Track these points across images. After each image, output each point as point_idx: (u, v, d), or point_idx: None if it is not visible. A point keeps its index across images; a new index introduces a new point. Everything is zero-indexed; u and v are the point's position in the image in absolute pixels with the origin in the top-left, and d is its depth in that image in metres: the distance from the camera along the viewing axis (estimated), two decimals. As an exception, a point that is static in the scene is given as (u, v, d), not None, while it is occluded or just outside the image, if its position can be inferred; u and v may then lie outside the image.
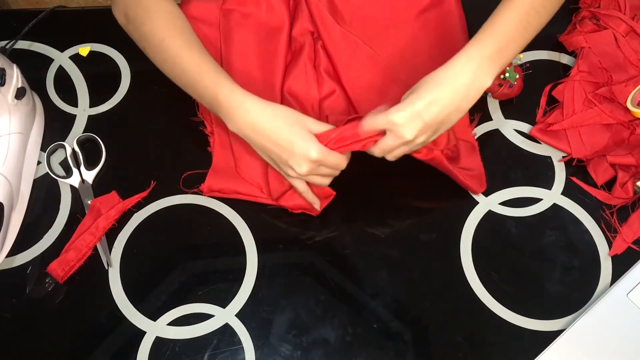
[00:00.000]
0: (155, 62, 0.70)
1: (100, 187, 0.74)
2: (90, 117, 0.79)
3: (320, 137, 0.63)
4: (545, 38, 0.83)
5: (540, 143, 0.77)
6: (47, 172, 0.74)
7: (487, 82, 0.61)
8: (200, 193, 0.73)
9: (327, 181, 0.67)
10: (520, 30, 0.62)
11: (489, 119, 0.78)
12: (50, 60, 0.83)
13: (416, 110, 0.59)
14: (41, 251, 0.70)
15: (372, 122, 0.61)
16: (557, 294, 0.68)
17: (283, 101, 0.75)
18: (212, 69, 0.66)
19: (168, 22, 0.69)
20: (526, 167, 0.75)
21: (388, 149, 0.63)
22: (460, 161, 0.73)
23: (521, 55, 0.81)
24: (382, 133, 0.62)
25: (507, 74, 0.76)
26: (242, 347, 0.65)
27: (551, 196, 0.74)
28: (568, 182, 0.74)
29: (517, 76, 0.76)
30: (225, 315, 0.67)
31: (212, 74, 0.65)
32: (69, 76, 0.82)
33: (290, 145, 0.62)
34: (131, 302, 0.67)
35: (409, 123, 0.59)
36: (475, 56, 0.60)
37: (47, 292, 0.67)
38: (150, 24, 0.69)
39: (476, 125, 0.77)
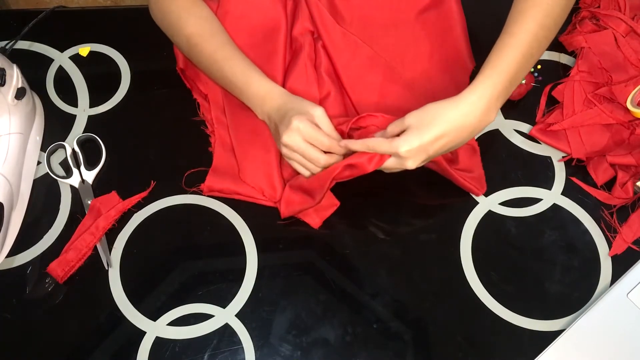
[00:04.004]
0: (193, 62, 0.77)
1: (100, 187, 0.74)
2: (90, 117, 0.79)
3: (335, 166, 0.65)
4: (545, 38, 0.83)
5: (540, 143, 0.77)
6: (47, 172, 0.74)
7: (492, 118, 0.62)
8: (200, 193, 0.73)
9: (303, 171, 0.68)
10: (524, 63, 0.63)
11: (489, 119, 0.78)
12: (50, 61, 0.83)
13: (424, 145, 0.60)
14: (41, 251, 0.70)
15: (377, 146, 0.62)
16: (557, 294, 0.68)
17: None
18: (243, 64, 0.72)
19: (199, 28, 0.74)
20: (526, 167, 0.75)
21: (386, 168, 0.64)
22: (460, 163, 0.73)
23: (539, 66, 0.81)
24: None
25: None
26: (242, 347, 0.65)
27: (551, 196, 0.74)
28: (568, 182, 0.74)
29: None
30: (225, 315, 0.67)
31: (243, 68, 0.72)
32: (69, 76, 0.82)
33: (288, 114, 0.66)
34: (131, 302, 0.67)
35: (415, 155, 0.61)
36: (485, 96, 0.61)
37: (47, 292, 0.67)
38: (184, 31, 0.74)
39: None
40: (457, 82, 0.79)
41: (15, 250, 0.70)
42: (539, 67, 0.80)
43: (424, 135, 0.60)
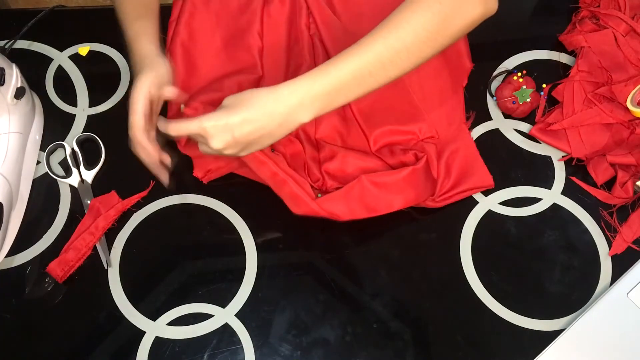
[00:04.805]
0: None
1: (99, 186, 0.74)
2: (89, 117, 0.79)
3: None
4: (545, 38, 0.83)
5: (540, 143, 0.77)
6: (47, 172, 0.74)
7: (305, 118, 0.60)
8: (201, 193, 0.73)
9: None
10: (358, 79, 0.59)
11: (489, 118, 0.78)
12: (49, 60, 0.83)
13: (230, 124, 0.59)
14: (40, 251, 0.70)
15: (184, 126, 0.61)
16: (557, 294, 0.68)
17: None
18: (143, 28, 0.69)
19: None
20: (526, 166, 0.75)
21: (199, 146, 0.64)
22: (463, 176, 0.73)
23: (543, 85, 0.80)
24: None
25: (520, 94, 0.76)
26: (242, 347, 0.65)
27: (551, 196, 0.74)
28: (568, 181, 0.74)
29: (531, 91, 0.76)
30: (225, 315, 0.67)
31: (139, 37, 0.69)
32: (69, 76, 0.82)
33: None
34: (131, 302, 0.67)
35: (219, 134, 0.59)
36: (300, 91, 0.59)
37: (46, 292, 0.67)
38: None
39: (476, 125, 0.77)
40: (455, 82, 0.79)
41: (14, 250, 0.70)
42: (543, 86, 0.79)
43: (232, 115, 0.59)
